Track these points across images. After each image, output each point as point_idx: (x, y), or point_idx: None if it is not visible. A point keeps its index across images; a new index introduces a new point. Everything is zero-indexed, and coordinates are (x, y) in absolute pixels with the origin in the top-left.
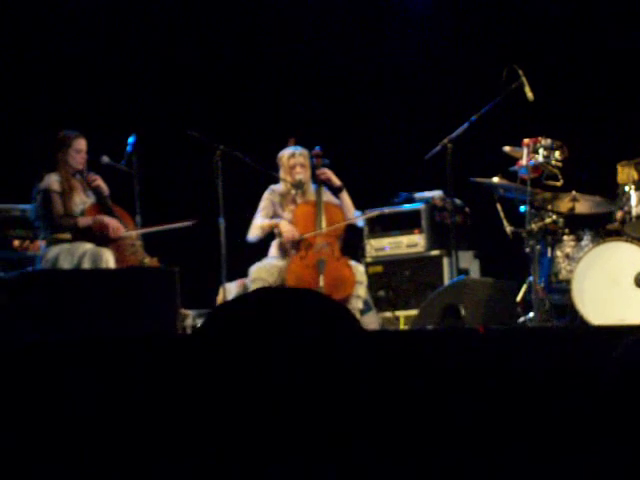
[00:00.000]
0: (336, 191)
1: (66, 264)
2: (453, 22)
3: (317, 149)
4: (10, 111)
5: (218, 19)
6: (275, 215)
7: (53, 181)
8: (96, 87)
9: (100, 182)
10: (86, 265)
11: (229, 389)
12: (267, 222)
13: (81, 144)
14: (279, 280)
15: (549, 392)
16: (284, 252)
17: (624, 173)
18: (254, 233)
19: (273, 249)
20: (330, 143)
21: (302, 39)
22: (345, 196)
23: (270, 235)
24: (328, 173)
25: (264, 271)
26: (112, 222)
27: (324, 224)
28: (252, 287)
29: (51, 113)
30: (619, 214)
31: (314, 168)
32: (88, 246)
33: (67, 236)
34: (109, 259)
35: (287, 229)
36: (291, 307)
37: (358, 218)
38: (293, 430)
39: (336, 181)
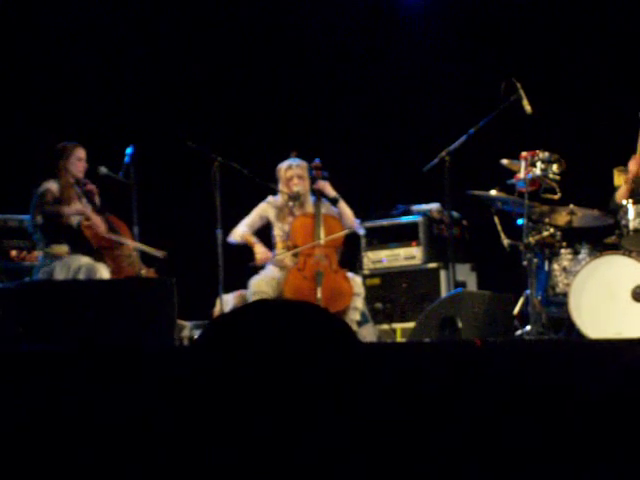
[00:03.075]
0: (333, 202)
1: (61, 276)
2: (452, 35)
3: (316, 161)
4: (9, 121)
5: (217, 30)
6: (270, 227)
7: (51, 185)
8: (95, 98)
9: (94, 193)
10: (81, 279)
11: (226, 401)
12: (247, 236)
13: (81, 153)
14: (278, 292)
15: (545, 405)
16: (271, 266)
17: (620, 178)
18: (234, 237)
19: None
20: (329, 155)
21: (303, 52)
22: (343, 206)
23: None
24: (322, 184)
25: (264, 284)
26: (97, 219)
27: (323, 236)
28: (253, 300)
29: (50, 124)
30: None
31: (313, 180)
32: (84, 260)
33: (65, 248)
34: (104, 274)
35: (259, 251)
36: (287, 319)
37: (358, 226)
38: (289, 442)
39: (331, 192)
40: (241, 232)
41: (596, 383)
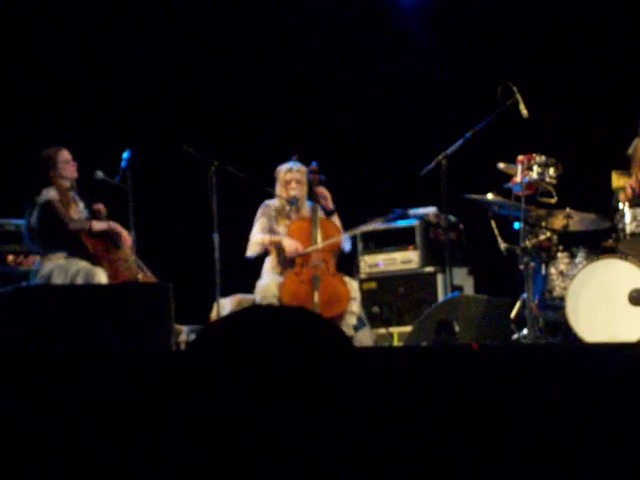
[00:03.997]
0: (328, 213)
1: (59, 281)
2: (449, 39)
3: (313, 165)
4: (5, 126)
5: (214, 33)
6: (271, 230)
7: (53, 194)
8: (91, 102)
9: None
10: (79, 283)
11: (219, 406)
12: (268, 238)
13: (65, 154)
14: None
15: (543, 409)
16: (284, 268)
17: (619, 181)
18: (254, 249)
19: (267, 265)
20: (325, 159)
21: (300, 57)
22: (336, 220)
23: (264, 251)
24: (326, 194)
25: (274, 287)
26: (124, 231)
27: (319, 240)
28: (262, 303)
29: (46, 128)
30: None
31: (310, 183)
32: (82, 264)
33: (62, 254)
34: (102, 279)
35: (289, 243)
36: (282, 325)
37: (346, 240)
38: (287, 450)
39: (330, 204)
40: (260, 239)
41: (593, 387)
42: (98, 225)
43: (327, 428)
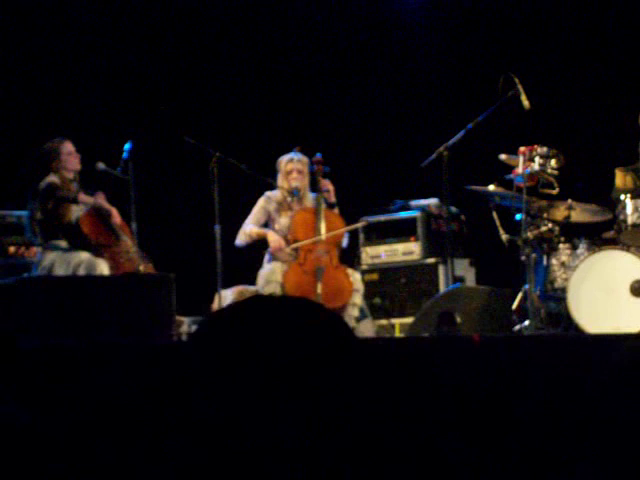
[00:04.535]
0: (329, 206)
1: (61, 272)
2: (450, 30)
3: (318, 156)
4: (6, 117)
5: (215, 24)
6: (269, 221)
7: (54, 178)
8: (92, 93)
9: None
10: (81, 274)
11: (219, 404)
12: (255, 230)
13: (69, 146)
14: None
15: (544, 400)
16: (274, 259)
17: (622, 178)
18: (242, 239)
19: (268, 255)
20: (327, 150)
21: (301, 48)
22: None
23: (264, 242)
24: (329, 186)
25: (278, 274)
26: (114, 208)
27: (323, 231)
28: (265, 290)
29: (47, 119)
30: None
31: (314, 175)
32: (84, 256)
33: (63, 243)
34: (104, 270)
35: (274, 239)
36: (284, 315)
37: (345, 236)
38: (283, 448)
39: (332, 197)
40: (248, 230)
41: (595, 378)
42: (85, 198)
43: (329, 419)
